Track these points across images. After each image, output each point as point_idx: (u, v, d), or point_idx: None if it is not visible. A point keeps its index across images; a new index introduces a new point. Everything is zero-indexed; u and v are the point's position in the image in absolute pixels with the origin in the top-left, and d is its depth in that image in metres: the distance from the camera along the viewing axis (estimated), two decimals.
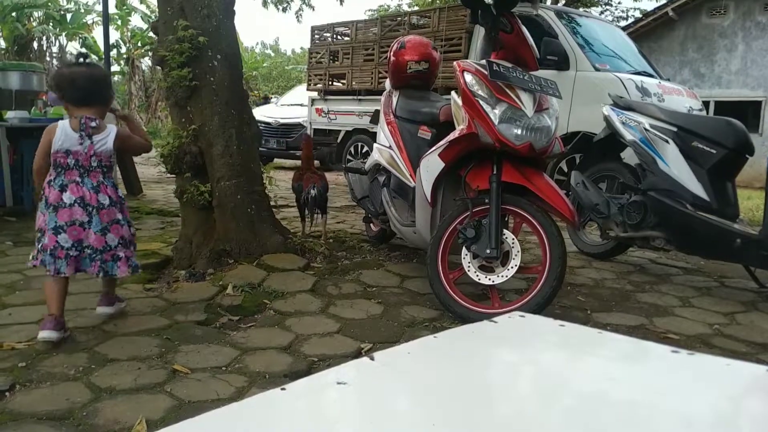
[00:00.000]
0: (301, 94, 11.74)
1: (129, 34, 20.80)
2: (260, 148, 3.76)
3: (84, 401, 1.85)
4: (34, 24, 18.72)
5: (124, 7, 19.41)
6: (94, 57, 19.85)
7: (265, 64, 29.27)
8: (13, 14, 17.35)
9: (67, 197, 2.33)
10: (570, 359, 0.75)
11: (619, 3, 15.90)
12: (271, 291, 2.92)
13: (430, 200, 2.91)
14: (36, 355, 2.17)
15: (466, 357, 0.71)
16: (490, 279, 2.63)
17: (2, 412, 1.77)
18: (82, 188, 2.34)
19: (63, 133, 2.34)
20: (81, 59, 2.56)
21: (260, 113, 9.70)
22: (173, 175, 3.48)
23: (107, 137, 2.40)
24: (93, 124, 2.36)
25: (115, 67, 20.09)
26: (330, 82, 8.14)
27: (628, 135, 3.45)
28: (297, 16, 8.08)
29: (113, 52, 19.46)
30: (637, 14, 14.67)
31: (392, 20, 7.67)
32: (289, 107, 10.88)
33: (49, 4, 18.73)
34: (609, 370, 0.71)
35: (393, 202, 3.47)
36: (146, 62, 20.93)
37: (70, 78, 2.40)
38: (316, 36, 8.43)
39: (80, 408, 1.80)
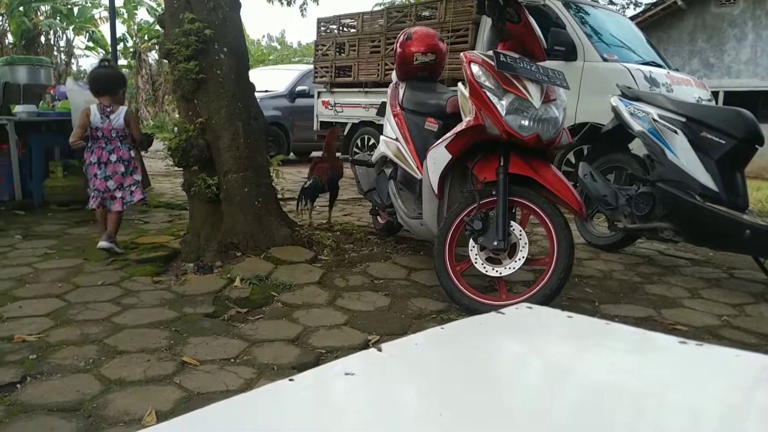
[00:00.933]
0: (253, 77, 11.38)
1: (136, 27, 20.82)
2: None
3: (94, 393, 1.86)
4: (42, 18, 18.77)
5: (132, 2, 19.42)
6: (101, 51, 19.95)
7: (271, 57, 29.24)
8: (21, 8, 17.39)
9: (93, 158, 3.49)
10: (577, 351, 0.75)
11: None
12: (278, 283, 2.93)
13: (437, 192, 2.90)
14: (46, 347, 2.19)
15: (473, 348, 0.71)
16: (497, 271, 2.63)
17: (13, 403, 1.79)
18: (101, 151, 3.49)
19: (94, 115, 3.48)
20: (104, 63, 3.85)
21: None
22: (181, 169, 3.50)
23: (119, 115, 3.52)
24: (108, 109, 3.51)
25: (122, 61, 20.13)
26: (336, 75, 8.12)
27: (636, 126, 3.43)
28: (301, 10, 8.04)
29: (120, 46, 19.50)
30: (646, 1, 14.55)
31: (398, 11, 7.64)
32: None
33: None
34: (617, 361, 0.71)
35: (400, 194, 3.46)
36: (153, 56, 20.95)
37: (92, 76, 3.68)
38: (323, 28, 8.40)
39: (90, 399, 1.82)
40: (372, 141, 7.39)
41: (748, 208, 3.23)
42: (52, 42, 19.56)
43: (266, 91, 9.72)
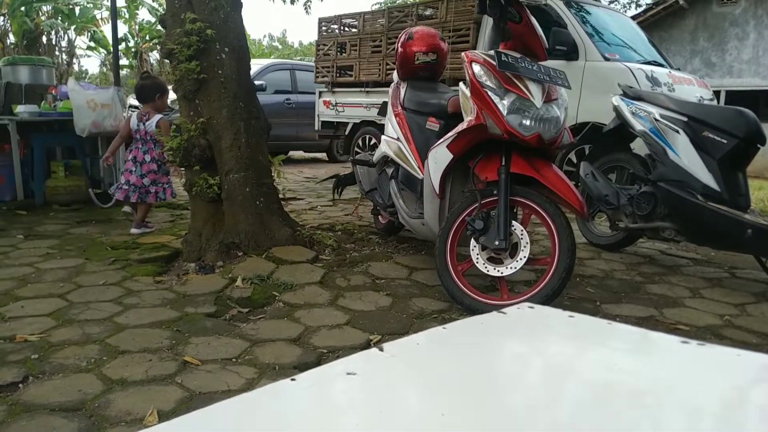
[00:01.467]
0: None
1: (137, 27, 20.84)
2: None
3: (96, 393, 1.87)
4: (43, 18, 18.77)
5: (133, 3, 19.42)
6: (102, 51, 19.97)
7: (272, 57, 29.26)
8: (22, 9, 17.39)
9: (130, 156, 4.14)
10: (579, 350, 0.75)
11: None
12: (280, 283, 2.93)
13: (438, 192, 2.90)
14: (48, 347, 2.19)
15: (474, 348, 0.71)
16: (498, 270, 2.62)
17: (15, 403, 1.80)
18: (137, 151, 4.13)
19: (133, 121, 4.20)
20: (143, 74, 5.03)
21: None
22: (182, 168, 3.50)
23: (152, 121, 4.14)
24: (145, 117, 4.17)
25: (123, 61, 20.14)
26: (338, 74, 8.12)
27: (638, 125, 3.43)
28: (306, 8, 8.04)
29: (121, 46, 19.51)
30: (647, 0, 14.54)
31: (400, 11, 7.63)
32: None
33: None
34: (618, 361, 0.70)
35: (401, 194, 3.46)
36: (154, 56, 20.97)
37: (135, 87, 4.54)
38: (324, 28, 8.40)
39: (92, 399, 1.82)
40: (373, 141, 7.39)
41: (749, 207, 3.23)
42: (53, 42, 19.57)
43: None
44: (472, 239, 2.67)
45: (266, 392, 0.56)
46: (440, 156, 2.84)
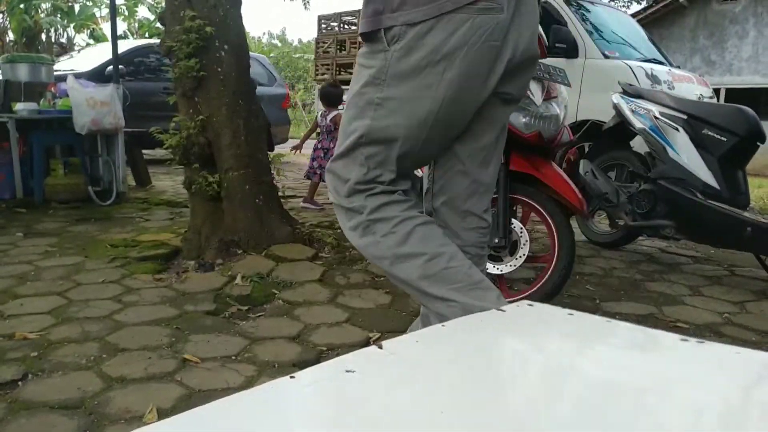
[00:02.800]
0: (100, 54, 7.69)
1: (136, 25, 20.82)
2: None
3: (95, 390, 1.86)
4: (42, 16, 18.76)
5: (132, 0, 19.41)
6: None
7: (272, 54, 29.23)
8: (21, 6, 17.38)
9: (320, 146, 5.27)
10: (578, 348, 0.75)
11: None
12: (279, 281, 2.93)
13: None
14: (47, 344, 2.19)
15: (473, 346, 0.71)
16: (498, 268, 2.63)
17: (15, 401, 1.79)
18: (325, 141, 5.24)
19: (319, 118, 5.40)
20: (330, 82, 6.18)
21: None
22: (181, 166, 3.50)
23: (327, 117, 5.23)
24: (326, 113, 5.29)
25: None
26: (337, 72, 8.12)
27: (637, 123, 3.42)
28: (304, 4, 8.02)
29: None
30: None
31: None
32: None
33: None
34: (618, 359, 0.71)
35: None
36: None
37: (321, 93, 5.67)
38: (323, 25, 8.41)
39: (92, 397, 1.82)
40: None
41: (749, 205, 3.23)
42: (52, 40, 19.56)
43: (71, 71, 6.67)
44: None
45: (265, 390, 0.56)
46: None
